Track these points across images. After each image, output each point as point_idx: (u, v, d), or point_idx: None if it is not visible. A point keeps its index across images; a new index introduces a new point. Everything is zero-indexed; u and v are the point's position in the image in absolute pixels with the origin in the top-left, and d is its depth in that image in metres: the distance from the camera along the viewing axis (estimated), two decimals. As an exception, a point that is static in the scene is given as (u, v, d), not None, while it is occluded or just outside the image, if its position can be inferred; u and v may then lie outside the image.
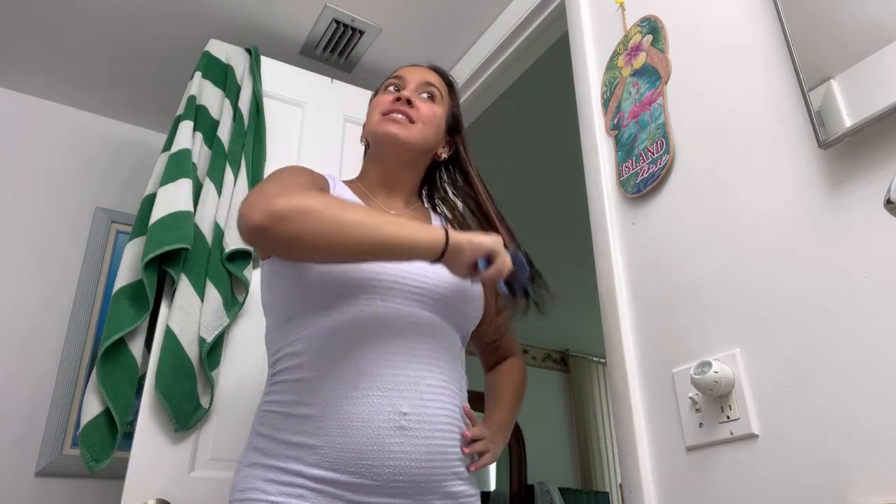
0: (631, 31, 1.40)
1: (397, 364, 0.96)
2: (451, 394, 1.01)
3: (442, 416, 0.97)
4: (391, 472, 0.90)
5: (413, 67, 1.25)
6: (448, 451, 0.97)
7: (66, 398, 1.97)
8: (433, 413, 0.96)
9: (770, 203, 1.04)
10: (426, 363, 0.99)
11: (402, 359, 0.97)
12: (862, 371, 0.87)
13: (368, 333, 0.97)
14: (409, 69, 1.24)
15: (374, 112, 1.16)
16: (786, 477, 0.92)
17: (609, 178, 1.37)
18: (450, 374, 1.03)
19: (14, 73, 2.16)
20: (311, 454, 0.90)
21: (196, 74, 1.81)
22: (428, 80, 1.21)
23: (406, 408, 0.93)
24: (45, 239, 2.13)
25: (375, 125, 1.15)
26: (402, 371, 0.96)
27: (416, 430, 0.93)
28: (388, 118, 1.14)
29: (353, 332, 0.97)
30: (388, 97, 1.16)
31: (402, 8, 1.96)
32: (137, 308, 1.49)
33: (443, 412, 0.98)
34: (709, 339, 1.08)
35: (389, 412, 0.92)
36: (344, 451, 0.89)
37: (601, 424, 4.97)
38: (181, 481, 1.42)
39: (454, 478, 0.98)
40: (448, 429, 0.98)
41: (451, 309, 1.07)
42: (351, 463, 0.89)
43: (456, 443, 0.99)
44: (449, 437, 0.98)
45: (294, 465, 0.91)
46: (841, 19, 0.95)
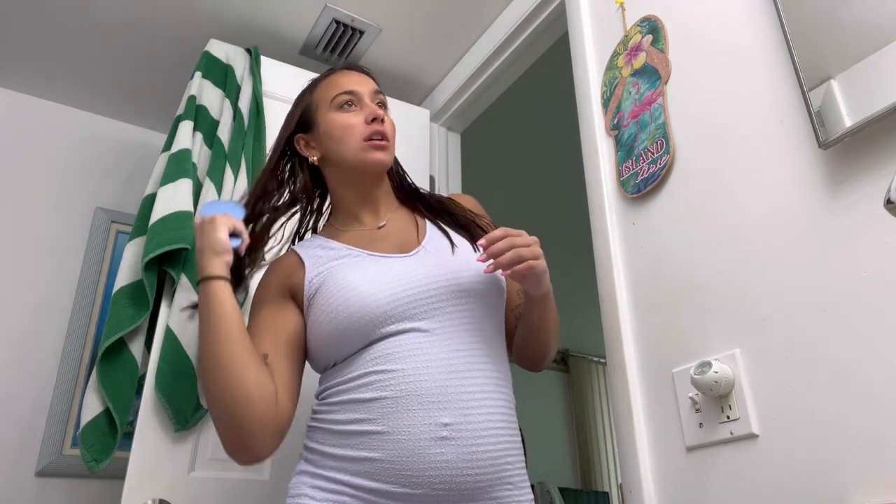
0: (631, 31, 1.40)
1: (434, 377, 0.96)
2: (494, 395, 1.00)
3: (486, 422, 0.96)
4: (431, 481, 0.91)
5: (354, 76, 1.21)
6: (495, 457, 0.95)
7: (66, 398, 1.97)
8: (476, 420, 0.95)
9: (770, 203, 1.04)
10: (465, 369, 0.98)
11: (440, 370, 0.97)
12: (862, 371, 0.87)
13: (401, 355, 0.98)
14: (352, 79, 1.20)
15: (351, 137, 1.13)
16: (786, 477, 0.92)
17: (609, 178, 1.37)
18: (492, 372, 1.01)
19: (14, 73, 2.16)
20: (354, 465, 0.94)
21: (196, 74, 1.81)
22: (376, 89, 1.20)
23: (447, 418, 0.94)
24: (44, 239, 2.12)
25: (361, 153, 1.13)
26: (442, 383, 0.96)
27: (459, 438, 0.93)
28: (373, 145, 1.13)
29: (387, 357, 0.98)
30: (355, 118, 1.15)
31: (402, 8, 1.96)
32: (137, 308, 1.49)
33: (486, 417, 0.96)
34: (709, 339, 1.08)
35: (429, 424, 0.93)
36: (386, 463, 0.92)
37: (601, 424, 4.97)
38: (181, 481, 1.42)
39: (500, 483, 0.96)
40: (494, 433, 0.96)
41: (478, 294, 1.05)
42: (392, 473, 0.92)
43: (505, 447, 0.98)
44: (495, 441, 0.96)
45: (338, 474, 0.95)
46: (841, 19, 0.95)
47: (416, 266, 1.06)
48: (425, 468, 0.91)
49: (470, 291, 1.05)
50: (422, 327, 1.00)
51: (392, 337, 1.00)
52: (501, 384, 1.03)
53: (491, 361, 1.03)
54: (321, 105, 1.18)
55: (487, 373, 1.00)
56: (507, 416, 1.01)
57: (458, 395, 0.96)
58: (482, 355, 1.02)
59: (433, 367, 0.97)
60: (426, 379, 0.96)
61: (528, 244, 0.99)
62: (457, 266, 1.06)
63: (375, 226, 1.17)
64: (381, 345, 1.00)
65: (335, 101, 1.17)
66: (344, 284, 1.03)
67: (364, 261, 1.08)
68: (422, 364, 0.97)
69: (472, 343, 1.02)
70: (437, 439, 0.92)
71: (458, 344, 1.00)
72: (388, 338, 1.00)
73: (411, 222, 1.18)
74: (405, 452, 0.92)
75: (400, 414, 0.94)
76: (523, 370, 1.20)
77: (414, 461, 0.91)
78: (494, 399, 0.99)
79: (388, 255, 1.09)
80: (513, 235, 0.99)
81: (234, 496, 1.45)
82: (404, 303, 1.01)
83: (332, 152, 1.16)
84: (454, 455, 0.92)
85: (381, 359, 0.98)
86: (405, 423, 0.93)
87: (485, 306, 1.06)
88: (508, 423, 1.00)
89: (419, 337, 0.99)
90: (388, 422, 0.94)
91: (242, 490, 1.46)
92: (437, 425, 0.93)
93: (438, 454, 0.92)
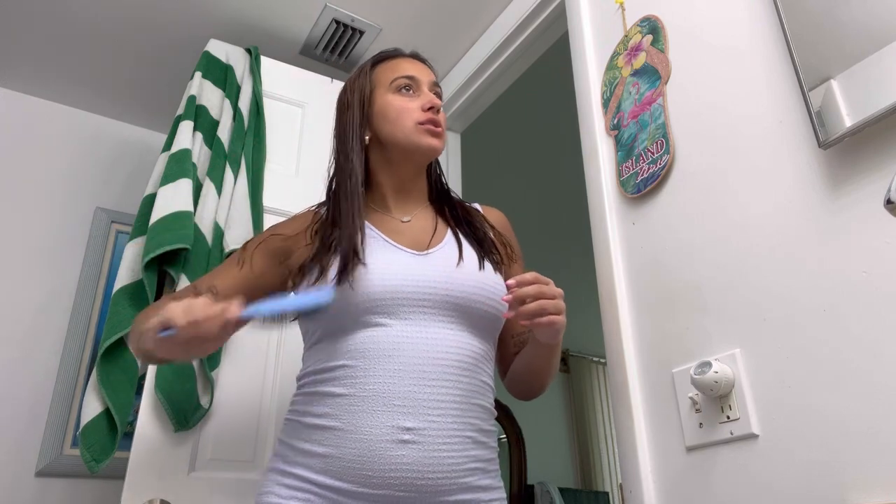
0: (631, 31, 1.40)
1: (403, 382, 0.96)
2: (465, 406, 0.99)
3: (452, 431, 0.96)
4: (392, 482, 0.92)
5: (417, 64, 1.21)
6: (458, 463, 0.96)
7: (66, 398, 1.97)
8: (441, 427, 0.95)
9: (770, 203, 1.04)
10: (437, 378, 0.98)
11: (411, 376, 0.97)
12: (862, 371, 0.87)
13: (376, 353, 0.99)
14: (414, 67, 1.20)
15: (407, 119, 1.13)
16: (785, 477, 0.92)
17: (609, 178, 1.37)
18: (468, 385, 1.01)
19: (14, 73, 2.16)
20: (318, 461, 0.95)
21: (196, 74, 1.81)
22: (434, 81, 1.20)
23: (410, 423, 0.94)
24: (45, 239, 2.13)
25: (415, 134, 1.12)
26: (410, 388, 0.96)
27: (422, 442, 0.94)
28: (428, 130, 1.13)
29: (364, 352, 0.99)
30: (412, 103, 1.14)
31: (402, 8, 1.96)
32: (137, 308, 1.49)
33: (453, 425, 0.96)
34: (709, 339, 1.08)
35: (390, 426, 0.94)
36: (345, 461, 0.93)
37: (601, 424, 4.96)
38: (181, 481, 1.42)
39: (466, 488, 0.96)
40: (460, 442, 0.96)
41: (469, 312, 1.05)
42: (352, 472, 0.93)
43: (470, 456, 0.97)
44: (461, 450, 0.96)
45: (303, 471, 0.96)
46: (841, 19, 0.95)
47: (419, 266, 1.06)
48: (385, 469, 0.92)
49: (462, 307, 1.04)
50: (403, 328, 1.00)
51: (372, 328, 1.00)
52: (479, 397, 1.02)
53: (469, 374, 1.01)
54: (379, 86, 1.17)
55: (463, 385, 1.00)
56: (480, 428, 1.01)
57: (425, 402, 0.96)
58: (460, 368, 1.01)
59: (405, 371, 0.97)
60: (395, 382, 0.96)
61: (555, 296, 0.96)
62: (458, 279, 1.05)
63: (401, 219, 1.16)
64: (361, 335, 1.00)
65: (394, 83, 1.16)
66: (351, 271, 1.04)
67: (378, 244, 1.08)
68: (394, 367, 0.97)
69: (452, 355, 1.01)
70: (397, 441, 0.93)
71: (437, 352, 0.99)
72: (368, 328, 1.00)
73: (432, 223, 1.17)
74: (364, 452, 0.93)
75: (363, 413, 0.95)
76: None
77: (373, 461, 0.92)
78: (465, 410, 0.99)
79: (403, 248, 1.09)
80: (542, 283, 0.96)
81: (234, 496, 1.45)
82: (394, 297, 1.01)
83: (384, 132, 1.14)
84: (415, 458, 0.93)
85: (356, 352, 0.99)
86: (366, 423, 0.94)
87: (473, 324, 1.05)
88: (481, 434, 1.00)
89: (398, 337, 0.99)
90: (350, 419, 0.95)
91: (242, 490, 1.46)
92: (398, 428, 0.94)
93: (399, 456, 0.92)
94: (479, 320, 1.06)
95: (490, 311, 1.06)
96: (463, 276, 1.06)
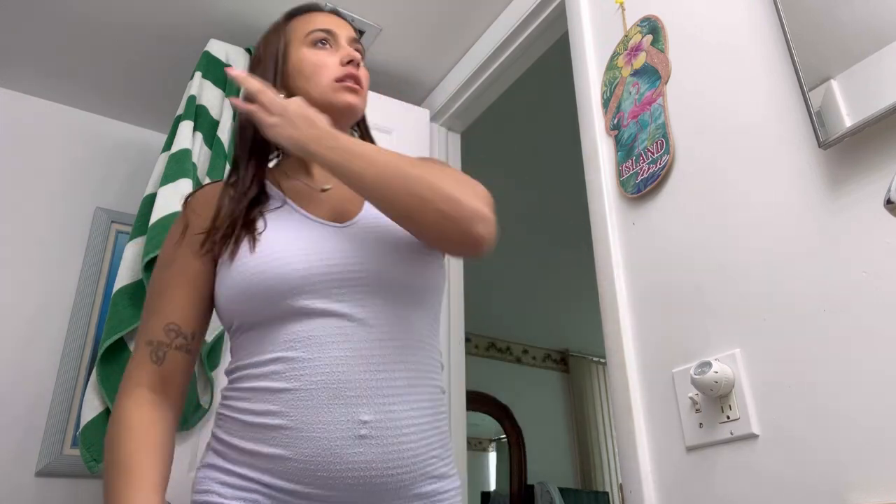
0: (631, 31, 1.40)
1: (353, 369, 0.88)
2: (419, 388, 0.92)
3: (410, 419, 0.89)
4: (349, 482, 0.84)
5: (331, 17, 1.11)
6: (418, 454, 0.89)
7: (66, 398, 1.97)
8: (399, 417, 0.88)
9: (770, 203, 1.04)
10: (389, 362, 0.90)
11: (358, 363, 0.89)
12: (862, 371, 0.87)
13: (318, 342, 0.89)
14: (330, 20, 1.10)
15: (322, 75, 1.03)
16: (786, 477, 0.92)
17: (609, 178, 1.37)
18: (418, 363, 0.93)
19: (14, 73, 2.16)
20: (265, 462, 0.86)
21: (196, 74, 1.81)
22: (354, 37, 1.10)
23: (367, 415, 0.86)
24: (45, 239, 2.13)
25: (330, 93, 1.03)
26: (362, 376, 0.88)
27: (380, 437, 0.86)
28: (345, 87, 1.03)
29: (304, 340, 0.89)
30: (329, 58, 1.05)
31: (402, 8, 1.96)
32: (137, 308, 1.49)
33: (410, 413, 0.90)
34: (709, 339, 1.08)
35: (346, 421, 0.85)
36: (298, 462, 0.84)
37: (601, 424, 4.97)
38: (181, 481, 1.42)
39: (424, 478, 0.90)
40: (417, 430, 0.90)
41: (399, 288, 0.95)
42: (306, 474, 0.84)
43: (430, 443, 0.91)
44: (418, 438, 0.90)
45: (248, 471, 0.87)
46: (841, 19, 0.95)
47: (345, 241, 0.96)
48: (342, 469, 0.84)
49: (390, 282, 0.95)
50: (342, 311, 0.90)
51: (309, 319, 0.90)
52: (429, 374, 0.95)
53: (418, 351, 0.94)
54: (293, 40, 1.08)
55: (411, 364, 0.92)
56: (434, 410, 0.93)
57: (380, 389, 0.88)
58: (409, 347, 0.93)
59: (353, 357, 0.88)
60: (345, 370, 0.87)
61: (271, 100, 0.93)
62: (389, 248, 0.96)
63: (321, 186, 1.06)
64: (297, 326, 0.90)
65: (309, 36, 1.07)
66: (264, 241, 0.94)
67: (294, 220, 0.99)
68: (341, 354, 0.88)
69: (398, 333, 0.93)
70: (354, 438, 0.85)
71: (382, 334, 0.91)
72: (304, 318, 0.90)
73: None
74: (319, 451, 0.84)
75: (313, 409, 0.85)
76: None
77: (329, 461, 0.84)
78: (420, 392, 0.91)
79: (320, 220, 0.99)
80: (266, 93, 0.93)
81: (234, 496, 1.45)
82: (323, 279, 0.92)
83: (299, 90, 1.04)
84: (374, 455, 0.85)
85: (295, 342, 0.89)
86: (319, 419, 0.85)
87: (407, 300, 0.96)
88: (434, 415, 0.93)
89: (339, 322, 0.90)
90: (299, 416, 0.85)
91: (242, 490, 1.46)
92: (355, 423, 0.85)
93: (357, 454, 0.84)
94: (413, 294, 0.97)
95: (421, 283, 0.97)
96: (386, 248, 0.96)
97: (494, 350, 4.69)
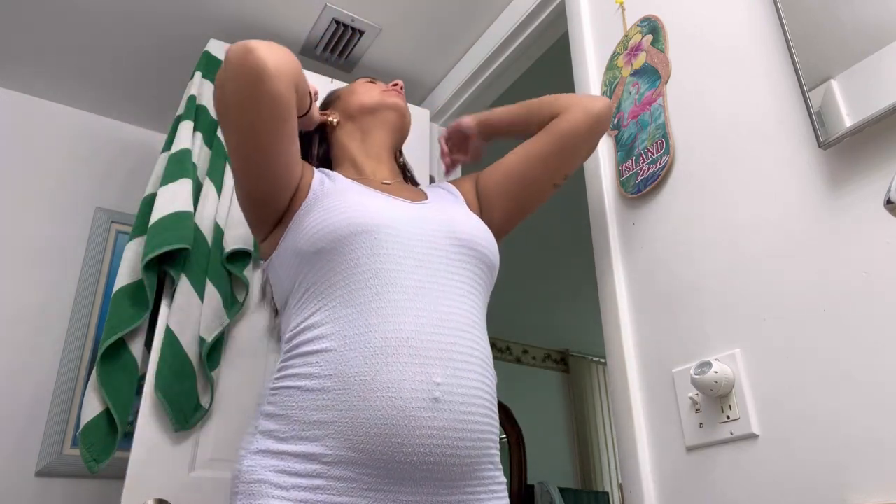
0: (631, 31, 1.40)
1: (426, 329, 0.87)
2: (480, 359, 0.91)
3: (476, 388, 0.87)
4: (422, 450, 0.80)
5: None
6: (482, 428, 0.87)
7: (66, 398, 1.97)
8: (467, 384, 0.86)
9: (770, 203, 1.04)
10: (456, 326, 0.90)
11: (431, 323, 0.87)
12: (862, 371, 0.87)
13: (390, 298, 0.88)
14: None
15: (370, 91, 1.25)
16: (786, 477, 0.92)
17: (609, 178, 1.37)
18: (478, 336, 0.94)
19: (14, 73, 2.16)
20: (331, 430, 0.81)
21: (196, 74, 1.81)
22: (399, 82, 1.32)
23: (440, 377, 0.83)
24: (45, 239, 2.12)
25: (380, 96, 1.24)
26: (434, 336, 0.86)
27: (450, 402, 0.83)
28: (389, 92, 1.25)
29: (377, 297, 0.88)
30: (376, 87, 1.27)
31: (401, 8, 1.96)
32: (137, 308, 1.49)
33: (474, 382, 0.87)
34: (709, 339, 1.08)
35: (422, 381, 0.82)
36: (369, 426, 0.79)
37: (601, 424, 4.97)
38: (181, 481, 1.42)
39: (486, 461, 0.88)
40: (482, 403, 0.88)
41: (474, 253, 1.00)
42: (376, 440, 0.79)
43: (491, 421, 0.90)
44: (482, 410, 0.87)
45: (309, 446, 0.81)
46: (841, 19, 0.95)
47: (419, 209, 1.02)
48: (416, 434, 0.80)
49: (470, 246, 1.00)
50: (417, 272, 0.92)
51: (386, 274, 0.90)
52: (485, 352, 0.96)
53: (478, 325, 0.96)
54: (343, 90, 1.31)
55: (475, 335, 0.93)
56: (491, 389, 0.93)
57: (450, 352, 0.86)
58: (472, 317, 0.95)
59: (426, 318, 0.87)
60: (417, 329, 0.86)
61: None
62: (460, 219, 1.04)
63: (379, 180, 1.16)
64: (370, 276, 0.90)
65: (358, 80, 1.31)
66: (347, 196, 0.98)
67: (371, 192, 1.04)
68: (414, 313, 0.87)
69: (465, 301, 0.95)
70: (430, 400, 0.81)
71: (451, 297, 0.93)
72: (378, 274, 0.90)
73: (418, 191, 1.18)
74: (395, 413, 0.80)
75: (390, 366, 0.82)
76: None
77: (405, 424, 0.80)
78: (480, 363, 0.91)
79: (396, 196, 1.06)
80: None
81: (234, 496, 1.45)
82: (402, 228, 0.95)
83: (351, 105, 1.24)
84: (446, 421, 0.82)
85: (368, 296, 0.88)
86: (395, 377, 0.81)
87: (480, 265, 1.01)
88: (492, 395, 0.92)
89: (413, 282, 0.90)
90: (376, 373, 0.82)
91: (242, 490, 1.46)
92: (431, 384, 0.82)
93: (430, 419, 0.81)
94: (482, 265, 1.01)
95: (490, 255, 1.03)
96: (462, 217, 1.05)
97: (494, 350, 4.69)
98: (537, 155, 1.16)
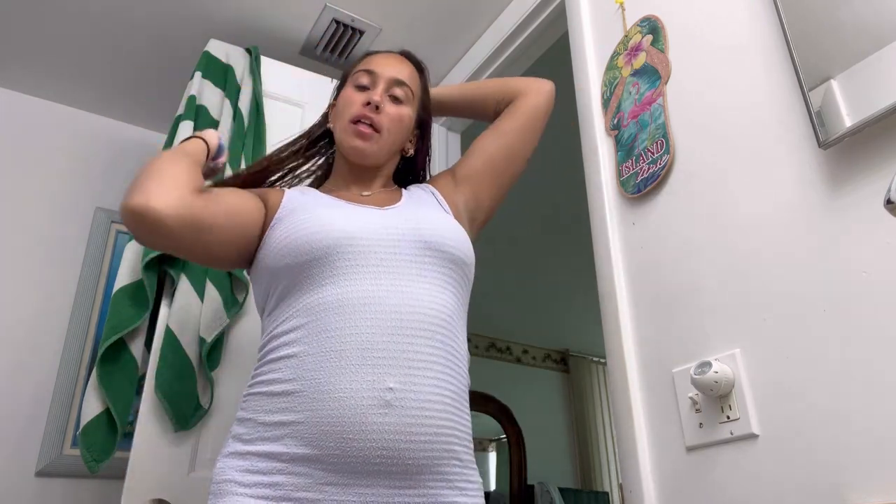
0: (631, 31, 1.40)
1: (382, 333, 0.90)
2: (443, 363, 0.93)
3: (435, 391, 0.90)
4: (374, 445, 0.84)
5: (386, 57, 1.19)
6: (441, 426, 0.89)
7: (66, 398, 1.97)
8: (424, 388, 0.89)
9: (770, 203, 1.04)
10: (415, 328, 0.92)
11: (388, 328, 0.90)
12: (862, 371, 0.87)
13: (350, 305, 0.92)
14: (381, 60, 1.17)
15: (345, 114, 1.12)
16: (786, 477, 0.92)
17: (609, 178, 1.37)
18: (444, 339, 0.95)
19: (14, 73, 2.16)
20: (289, 430, 0.86)
21: (196, 74, 1.81)
22: (399, 79, 1.15)
23: (392, 382, 0.87)
24: (44, 239, 2.13)
25: (342, 133, 1.12)
26: (388, 340, 0.90)
27: (402, 406, 0.86)
28: (354, 130, 1.09)
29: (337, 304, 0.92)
30: (358, 97, 1.12)
31: (402, 8, 1.96)
32: (137, 308, 1.49)
33: (433, 384, 0.90)
34: (709, 339, 1.08)
35: (374, 386, 0.86)
36: (323, 426, 0.85)
37: (601, 424, 4.97)
38: (181, 481, 1.42)
39: (448, 458, 0.90)
40: (442, 402, 0.90)
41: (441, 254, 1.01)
42: (330, 437, 0.84)
43: (453, 419, 0.92)
44: (442, 411, 0.90)
45: (270, 446, 0.86)
46: (841, 19, 0.95)
47: (388, 217, 1.03)
48: (367, 431, 0.84)
49: (434, 247, 1.00)
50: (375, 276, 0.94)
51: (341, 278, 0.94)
52: (454, 355, 0.96)
53: (448, 326, 0.96)
54: (348, 79, 1.19)
55: (442, 337, 0.94)
56: (456, 389, 0.94)
57: (407, 356, 0.89)
58: (442, 318, 0.95)
59: (384, 323, 0.90)
60: (374, 333, 0.89)
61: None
62: (426, 220, 1.03)
63: (360, 193, 1.15)
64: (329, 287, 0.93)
65: (353, 76, 1.17)
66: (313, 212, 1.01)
67: (339, 204, 1.06)
68: (371, 318, 0.90)
69: (433, 303, 0.95)
70: (381, 405, 0.86)
71: (416, 300, 0.94)
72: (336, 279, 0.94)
73: (395, 196, 1.16)
74: (347, 413, 0.85)
75: (344, 370, 0.87)
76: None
77: (356, 422, 0.84)
78: (444, 366, 0.93)
79: (366, 205, 1.08)
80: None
81: (234, 496, 1.45)
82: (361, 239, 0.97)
83: (334, 125, 1.17)
84: (397, 419, 0.85)
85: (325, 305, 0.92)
86: (347, 382, 0.86)
87: (449, 265, 1.01)
88: (456, 396, 0.94)
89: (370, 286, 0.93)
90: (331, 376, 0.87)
91: (242, 490, 1.46)
92: (383, 388, 0.86)
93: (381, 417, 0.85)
94: (451, 265, 1.01)
95: (459, 254, 1.03)
96: (431, 218, 1.04)
97: (494, 350, 4.69)
98: (512, 130, 1.22)
